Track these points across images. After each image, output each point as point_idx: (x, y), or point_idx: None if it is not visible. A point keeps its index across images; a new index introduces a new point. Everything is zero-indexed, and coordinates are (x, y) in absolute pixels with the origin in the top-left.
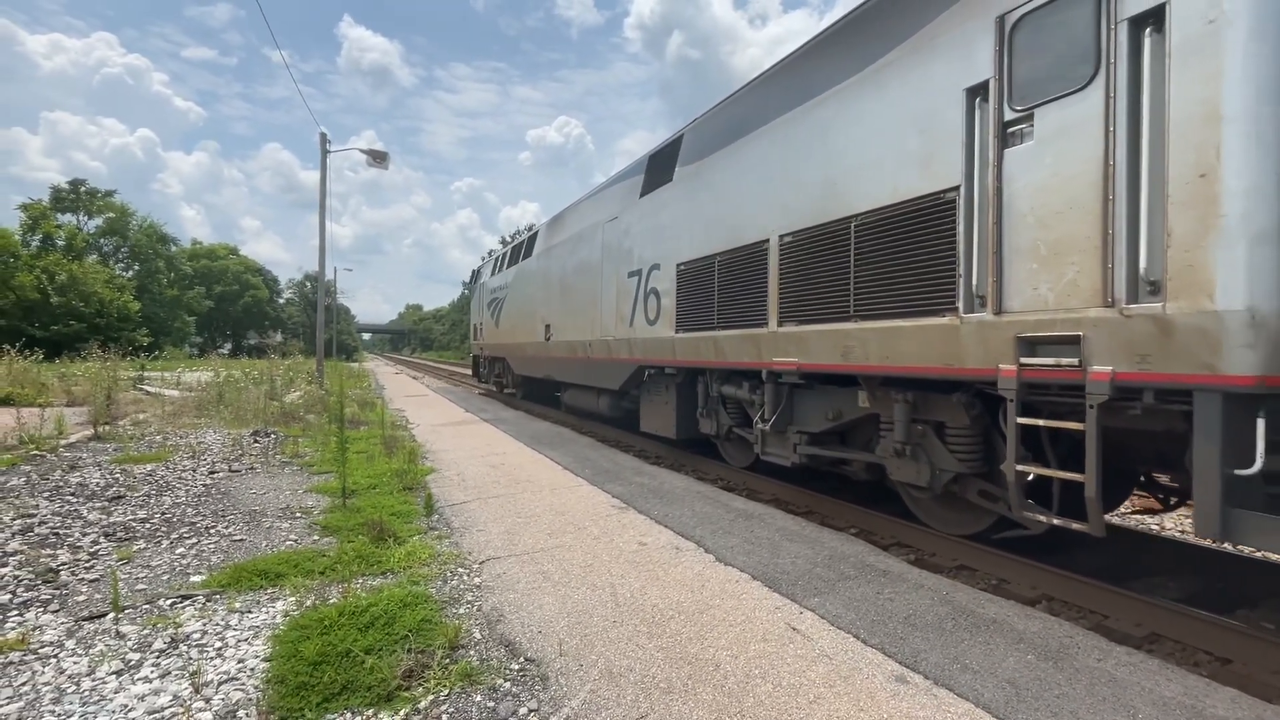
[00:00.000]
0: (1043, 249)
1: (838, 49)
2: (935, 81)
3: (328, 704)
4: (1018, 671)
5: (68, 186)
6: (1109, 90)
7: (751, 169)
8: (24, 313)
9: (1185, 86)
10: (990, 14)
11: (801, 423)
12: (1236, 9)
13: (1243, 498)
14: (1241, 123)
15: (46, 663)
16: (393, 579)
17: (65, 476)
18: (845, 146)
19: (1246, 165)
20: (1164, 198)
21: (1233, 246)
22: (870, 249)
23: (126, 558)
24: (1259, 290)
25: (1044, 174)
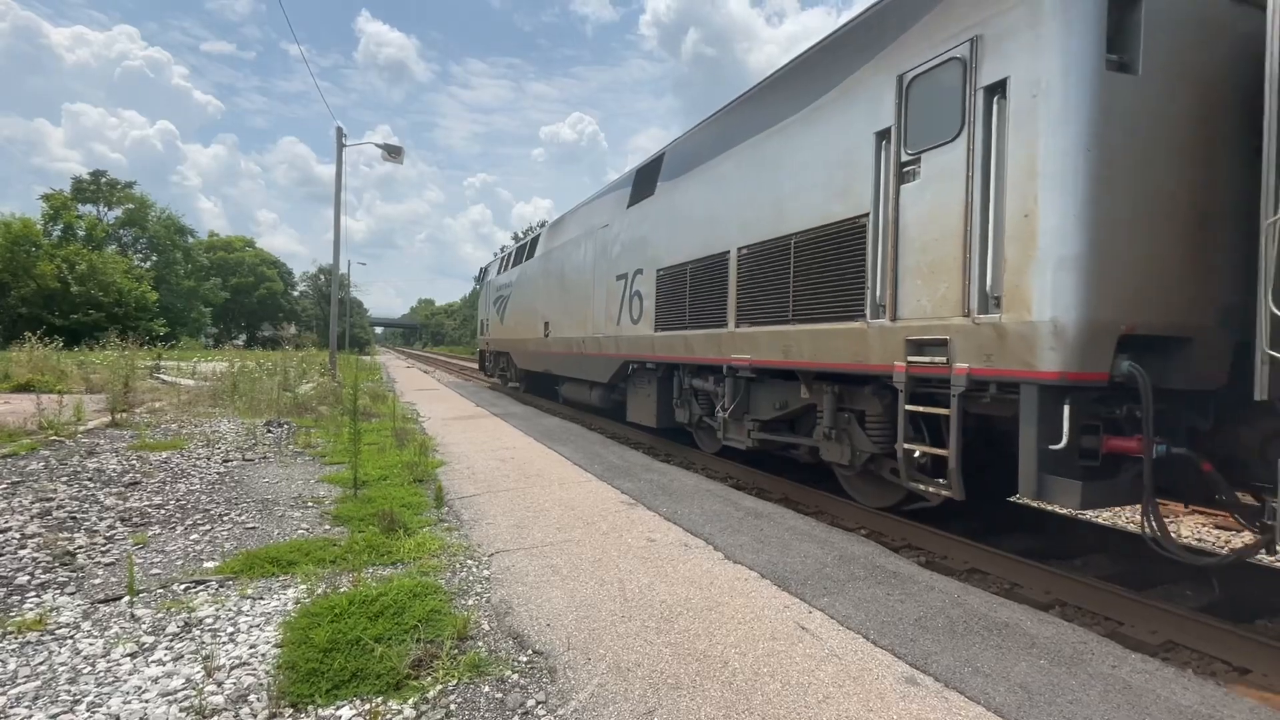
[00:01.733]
0: (925, 269)
1: (784, 90)
2: (854, 124)
3: (337, 691)
4: (1030, 676)
5: (89, 177)
6: (970, 143)
7: (718, 188)
8: (45, 301)
9: (1017, 145)
10: (893, 72)
11: (755, 412)
12: (1053, 87)
13: (1056, 467)
14: (1050, 177)
15: (63, 643)
16: (402, 569)
17: (83, 462)
18: (788, 174)
19: (1053, 210)
20: (1002, 232)
21: (1043, 273)
22: (805, 263)
23: (142, 542)
24: (1059, 306)
25: (927, 207)
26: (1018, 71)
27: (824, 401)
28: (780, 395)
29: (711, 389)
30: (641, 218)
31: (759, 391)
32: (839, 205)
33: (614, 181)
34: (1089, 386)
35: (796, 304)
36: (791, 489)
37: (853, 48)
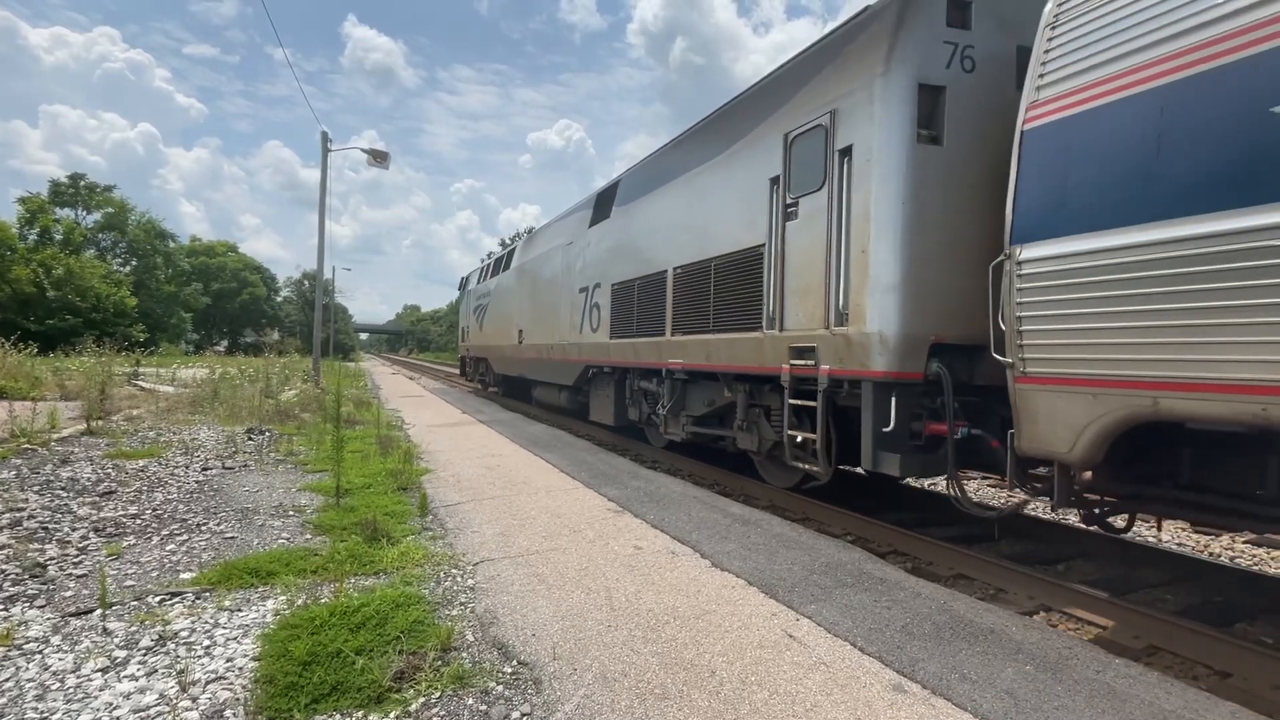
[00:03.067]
0: (801, 290)
1: (710, 135)
2: (756, 169)
3: (317, 705)
4: (1016, 682)
5: (67, 180)
6: (829, 193)
7: (660, 215)
8: (19, 306)
9: (857, 197)
10: (781, 131)
11: (689, 409)
12: (879, 154)
13: (886, 444)
14: (878, 222)
15: (31, 659)
16: (385, 579)
17: (56, 471)
18: (711, 207)
19: (880, 248)
20: (849, 264)
21: (874, 295)
22: (721, 282)
23: (116, 553)
24: (884, 321)
25: (803, 241)
26: (858, 140)
27: (739, 398)
28: (708, 394)
29: (655, 390)
30: (600, 237)
31: (692, 391)
32: (745, 235)
33: (579, 203)
34: (910, 383)
35: (715, 316)
36: (778, 495)
37: (756, 107)
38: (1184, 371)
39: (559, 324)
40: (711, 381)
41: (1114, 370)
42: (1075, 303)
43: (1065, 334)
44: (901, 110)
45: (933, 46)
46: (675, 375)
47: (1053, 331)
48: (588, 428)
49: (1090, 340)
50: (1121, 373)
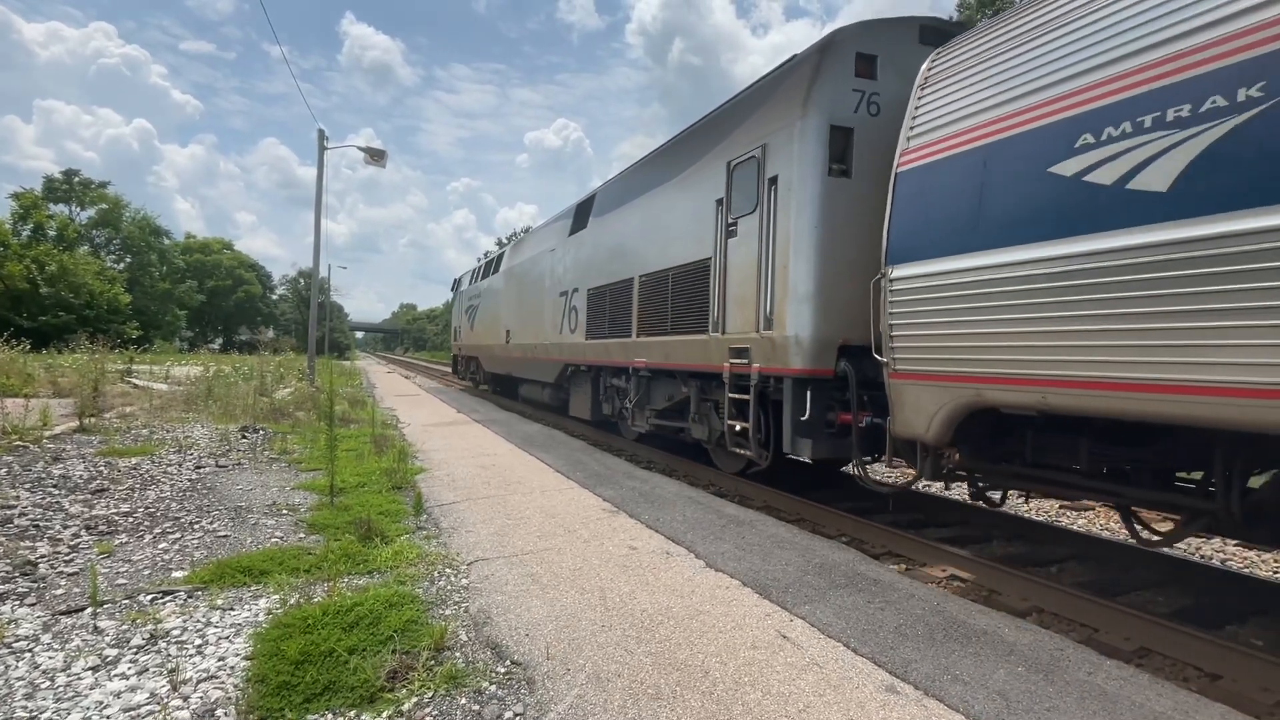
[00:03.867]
0: (739, 299)
1: (670, 158)
2: (705, 192)
3: (309, 704)
4: (1008, 683)
5: (61, 176)
6: (760, 216)
7: (628, 227)
8: (12, 302)
9: (781, 221)
10: (724, 159)
11: (653, 403)
12: (798, 185)
13: (803, 431)
14: (796, 243)
15: (20, 657)
16: (379, 579)
17: (48, 468)
18: (669, 222)
19: (797, 263)
20: (774, 277)
21: (791, 304)
22: (677, 290)
23: (107, 551)
24: (800, 326)
25: (740, 257)
26: (782, 171)
27: (692, 393)
28: (668, 390)
29: (624, 386)
30: (579, 245)
31: (655, 387)
32: (696, 250)
33: (561, 212)
34: (822, 379)
35: (672, 320)
36: (773, 496)
37: (707, 137)
38: (994, 369)
39: (542, 325)
40: (670, 379)
41: (953, 368)
42: (927, 313)
43: (921, 339)
44: (816, 148)
45: (843, 94)
46: (640, 373)
47: (913, 336)
48: (581, 428)
49: (937, 344)
50: (958, 369)
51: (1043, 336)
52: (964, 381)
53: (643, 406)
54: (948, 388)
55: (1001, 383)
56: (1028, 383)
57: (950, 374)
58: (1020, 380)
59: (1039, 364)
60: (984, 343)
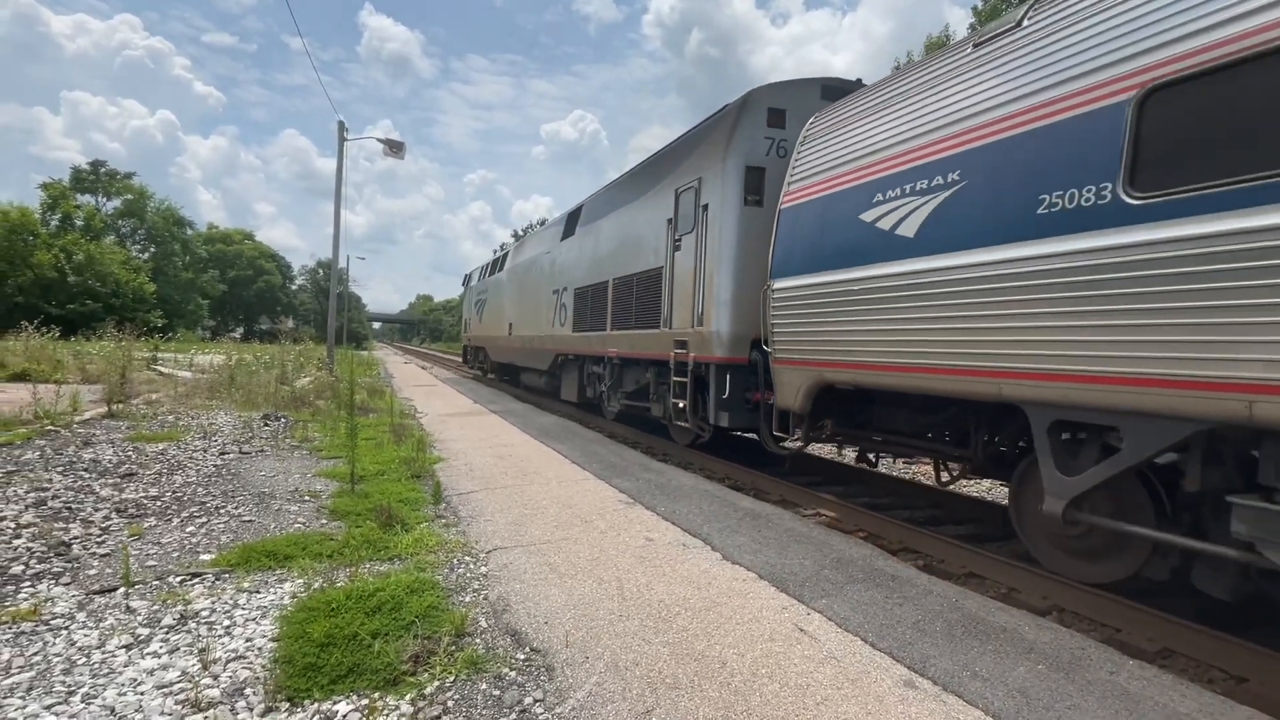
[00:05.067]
0: (681, 300)
1: (637, 180)
2: (660, 212)
3: (335, 686)
4: (1028, 681)
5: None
6: (697, 234)
7: (605, 237)
8: (41, 290)
9: (711, 240)
10: (673, 186)
11: (624, 387)
12: (722, 212)
13: (725, 406)
14: (719, 258)
15: (58, 634)
16: (400, 565)
17: (79, 452)
18: (634, 236)
19: (720, 274)
20: (705, 284)
21: (715, 307)
22: (639, 291)
23: (137, 534)
24: (721, 323)
25: (683, 267)
26: (711, 201)
27: (651, 378)
28: (635, 375)
29: (602, 373)
30: (568, 249)
31: (625, 373)
32: (652, 259)
33: (555, 219)
34: (738, 365)
35: (636, 316)
36: (789, 490)
37: (663, 166)
38: (827, 357)
39: (539, 319)
40: (637, 366)
41: (808, 355)
42: (793, 315)
43: (790, 333)
44: (736, 183)
45: (757, 140)
46: (613, 361)
47: (785, 332)
48: (597, 420)
49: (799, 338)
50: (810, 357)
51: (851, 334)
52: (813, 365)
53: (616, 390)
54: (805, 370)
55: (832, 366)
56: (846, 366)
57: (806, 360)
58: (841, 364)
59: (851, 353)
60: (821, 337)
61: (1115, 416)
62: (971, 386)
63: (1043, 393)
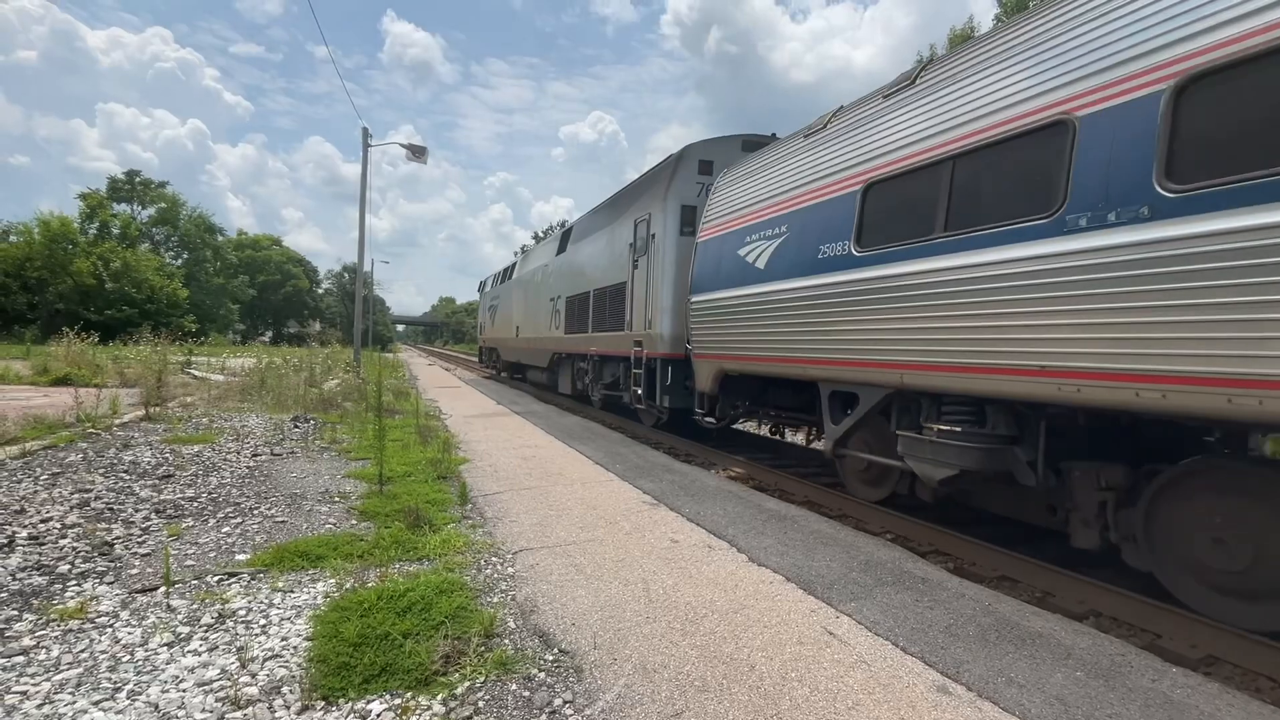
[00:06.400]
0: (639, 309)
1: (610, 209)
2: (625, 237)
3: (368, 685)
4: (1066, 688)
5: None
6: (648, 257)
7: (588, 255)
8: (81, 297)
9: (656, 260)
10: (633, 217)
11: (604, 380)
12: (664, 241)
13: (668, 390)
14: (662, 276)
15: (103, 631)
16: (428, 565)
17: (119, 454)
18: (609, 255)
19: (663, 288)
20: (652, 296)
21: (660, 314)
22: (611, 301)
23: (176, 534)
24: (664, 327)
25: (639, 282)
26: (658, 231)
27: (621, 371)
28: (612, 369)
29: (587, 368)
30: (561, 263)
31: (604, 368)
32: (620, 275)
33: (552, 235)
34: (677, 360)
35: (610, 321)
36: (814, 491)
37: (625, 201)
38: (723, 351)
39: (539, 323)
40: (612, 361)
41: (713, 350)
42: (704, 322)
43: (703, 335)
44: (674, 219)
45: (690, 185)
46: (594, 358)
47: (700, 334)
48: (619, 420)
49: (708, 338)
50: (714, 351)
51: (735, 335)
52: (716, 359)
53: (597, 382)
54: (712, 362)
55: (727, 359)
56: (734, 359)
57: (712, 354)
58: (731, 358)
59: (736, 349)
60: (719, 338)
61: (856, 386)
62: (796, 370)
63: (825, 373)
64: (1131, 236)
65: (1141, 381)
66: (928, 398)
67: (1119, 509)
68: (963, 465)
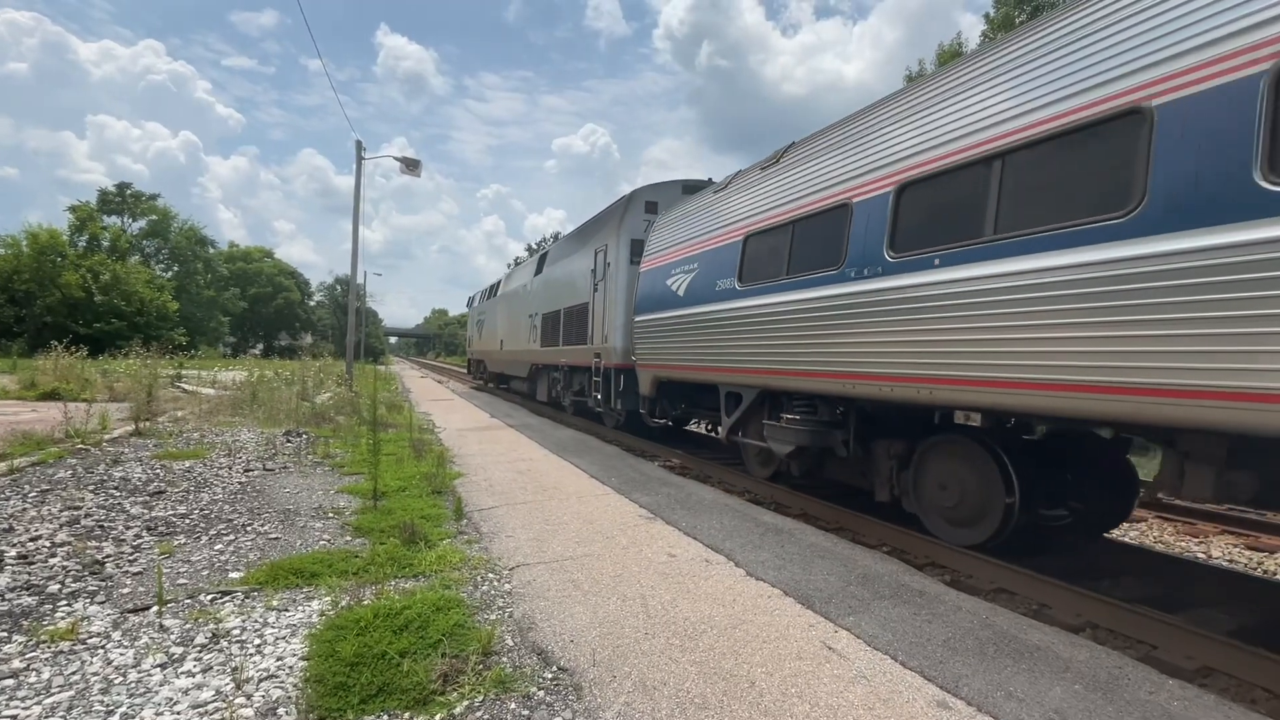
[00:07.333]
0: (599, 325)
1: (578, 237)
2: (588, 264)
3: (365, 705)
4: (1065, 701)
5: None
6: (605, 282)
7: (560, 277)
8: (69, 310)
9: (611, 285)
10: (594, 247)
11: (573, 388)
12: (616, 270)
13: (621, 395)
14: (615, 299)
15: (95, 653)
16: (424, 582)
17: (109, 470)
18: (574, 278)
19: (615, 309)
20: (608, 315)
21: (613, 330)
22: (578, 319)
23: (168, 552)
24: (616, 341)
25: (599, 302)
26: (612, 261)
27: (587, 380)
28: (580, 378)
29: (559, 377)
30: (537, 284)
31: (573, 377)
32: (585, 296)
33: (531, 257)
34: (629, 369)
35: (576, 336)
36: (809, 503)
37: (589, 231)
38: (658, 361)
39: (520, 336)
40: (579, 371)
41: (651, 361)
42: (643, 337)
43: (644, 348)
44: (625, 250)
45: (638, 221)
46: (565, 368)
47: (642, 347)
48: (614, 434)
49: (646, 351)
50: (652, 362)
51: (665, 349)
52: (653, 368)
53: (568, 389)
54: (651, 371)
55: (660, 368)
56: (665, 368)
57: (650, 364)
58: (663, 367)
59: (667, 360)
60: (655, 350)
61: (740, 388)
62: (703, 376)
63: (720, 378)
64: (871, 285)
65: (915, 383)
66: (785, 395)
67: (900, 471)
68: (799, 443)
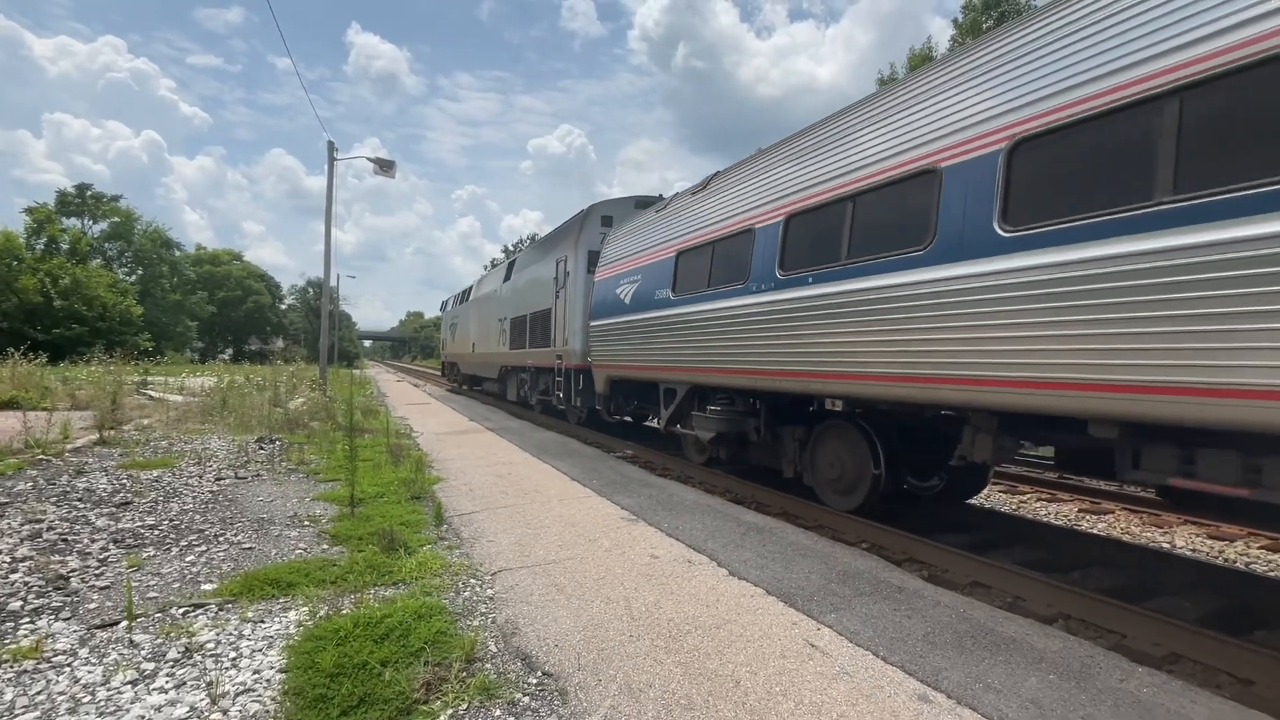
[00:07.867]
0: (562, 329)
1: (541, 247)
2: (550, 272)
3: (346, 717)
4: (1041, 691)
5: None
6: (566, 290)
7: (525, 284)
8: (26, 316)
9: (570, 293)
10: (555, 257)
11: (539, 388)
12: (575, 279)
13: (580, 393)
14: (575, 306)
15: (61, 671)
16: (405, 589)
17: (72, 481)
18: (538, 285)
19: (574, 314)
20: (568, 320)
21: (573, 334)
22: (541, 323)
23: (136, 565)
24: (575, 344)
25: (560, 308)
26: (571, 270)
27: (551, 380)
28: (545, 379)
29: (526, 378)
30: (506, 290)
31: (539, 378)
32: (547, 302)
33: (500, 264)
34: (586, 369)
35: (541, 339)
36: (790, 503)
37: (551, 242)
38: (611, 362)
39: (491, 340)
40: (545, 372)
41: (604, 362)
42: (598, 340)
43: (599, 350)
44: (583, 261)
45: (595, 234)
46: (531, 369)
47: (597, 349)
48: (595, 435)
49: (600, 352)
50: (605, 362)
51: (615, 350)
52: (607, 368)
53: (534, 389)
54: (604, 370)
55: (612, 368)
56: (616, 368)
57: (604, 365)
58: (615, 367)
59: (617, 361)
60: (608, 352)
61: (675, 384)
62: (645, 375)
63: (658, 376)
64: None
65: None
66: (710, 390)
67: (801, 452)
68: (720, 430)
